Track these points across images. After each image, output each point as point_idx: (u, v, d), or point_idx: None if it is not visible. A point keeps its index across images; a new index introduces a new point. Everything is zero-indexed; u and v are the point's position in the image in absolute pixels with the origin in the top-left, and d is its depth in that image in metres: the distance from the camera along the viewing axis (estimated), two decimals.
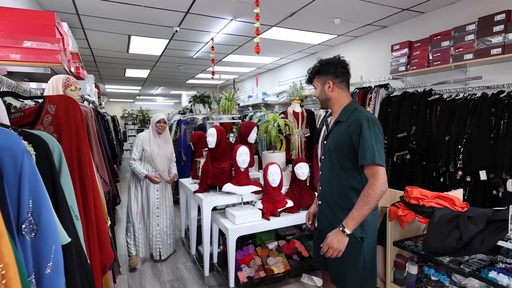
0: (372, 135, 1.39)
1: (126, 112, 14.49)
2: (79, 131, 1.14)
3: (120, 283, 2.76)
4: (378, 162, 1.36)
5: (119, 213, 4.92)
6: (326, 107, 1.69)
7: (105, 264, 1.16)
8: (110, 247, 1.21)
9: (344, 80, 1.63)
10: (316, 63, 1.66)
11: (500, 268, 1.57)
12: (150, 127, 3.08)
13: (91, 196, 1.13)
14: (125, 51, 5.37)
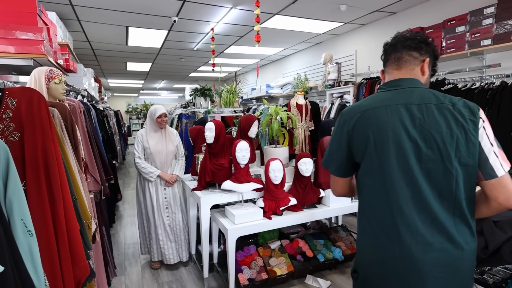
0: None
1: (130, 106, 14.43)
2: (45, 129, 0.99)
3: (117, 285, 2.66)
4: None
5: (120, 209, 4.84)
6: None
7: (79, 278, 1.03)
8: (85, 259, 1.08)
9: (399, 58, 1.17)
10: (419, 39, 1.13)
11: None
12: (148, 121, 2.84)
13: (61, 204, 0.99)
14: (124, 44, 5.23)
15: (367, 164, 1.04)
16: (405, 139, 0.98)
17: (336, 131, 1.14)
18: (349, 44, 4.99)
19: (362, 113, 1.05)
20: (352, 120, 1.07)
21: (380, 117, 1.02)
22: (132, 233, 3.79)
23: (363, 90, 3.95)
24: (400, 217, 0.97)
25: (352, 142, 1.07)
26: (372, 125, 1.02)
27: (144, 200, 2.83)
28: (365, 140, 1.03)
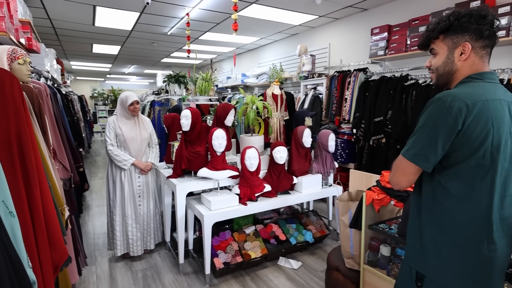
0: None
1: (96, 91, 13.72)
2: (18, 112, 0.97)
3: (88, 275, 2.61)
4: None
5: (88, 199, 4.69)
6: (443, 84, 1.11)
7: (57, 262, 1.03)
8: (63, 243, 1.08)
9: (489, 46, 1.03)
10: (446, 15, 1.05)
11: None
12: (119, 108, 2.72)
13: (37, 187, 0.99)
14: (90, 24, 4.95)
15: (477, 159, 0.97)
16: (509, 136, 0.99)
17: (438, 118, 0.96)
18: (323, 37, 5.12)
19: (486, 103, 0.96)
20: (472, 108, 0.94)
21: (498, 111, 0.97)
22: (102, 223, 3.71)
23: (335, 83, 4.10)
24: (498, 211, 1.01)
25: (463, 134, 0.96)
26: (494, 118, 0.96)
27: (114, 189, 2.72)
28: (485, 134, 0.96)
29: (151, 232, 2.87)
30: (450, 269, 1.03)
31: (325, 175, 3.02)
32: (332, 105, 4.13)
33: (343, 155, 3.99)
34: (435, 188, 1.05)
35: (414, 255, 1.12)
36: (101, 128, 12.96)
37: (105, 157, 8.25)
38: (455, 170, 1.00)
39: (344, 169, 3.98)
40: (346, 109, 3.93)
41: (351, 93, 3.89)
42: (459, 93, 0.97)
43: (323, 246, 3.10)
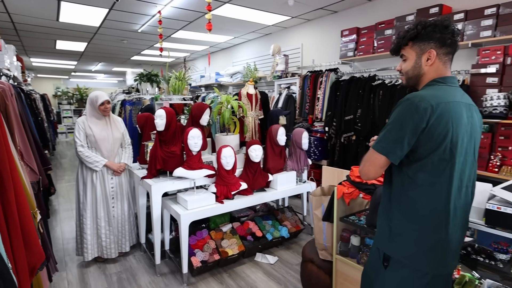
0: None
1: (60, 90, 13.01)
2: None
3: (58, 281, 2.51)
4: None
5: (54, 203, 4.47)
6: (412, 86, 1.24)
7: (34, 264, 1.01)
8: (39, 245, 1.06)
9: (450, 53, 1.16)
10: (413, 24, 1.18)
11: None
12: (89, 108, 2.63)
13: (11, 190, 0.96)
14: (54, 19, 4.71)
15: (439, 154, 1.08)
16: (466, 135, 1.12)
17: (409, 116, 1.07)
18: (296, 37, 5.24)
19: (448, 104, 1.08)
20: (435, 109, 1.05)
21: (457, 112, 1.09)
22: (71, 227, 3.56)
23: (308, 82, 4.22)
24: (457, 200, 1.15)
25: (427, 131, 1.07)
26: (453, 118, 1.07)
27: (85, 191, 2.63)
28: (445, 132, 1.07)
29: (126, 234, 2.81)
30: (413, 250, 1.15)
31: (299, 172, 3.11)
32: (305, 104, 4.25)
33: (316, 152, 4.13)
34: (404, 180, 1.16)
35: (382, 239, 1.24)
36: (66, 129, 12.32)
37: (71, 159, 7.89)
38: (421, 164, 1.11)
39: (318, 165, 4.12)
40: (319, 108, 4.06)
41: (323, 92, 4.03)
42: (425, 95, 1.08)
43: (298, 240, 3.20)
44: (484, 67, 2.81)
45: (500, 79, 2.75)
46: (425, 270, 1.14)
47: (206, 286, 2.44)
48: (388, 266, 1.20)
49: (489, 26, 2.82)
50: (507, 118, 2.63)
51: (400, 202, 1.19)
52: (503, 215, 1.33)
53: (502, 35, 2.73)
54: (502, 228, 1.35)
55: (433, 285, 1.16)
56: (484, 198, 1.45)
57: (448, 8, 3.20)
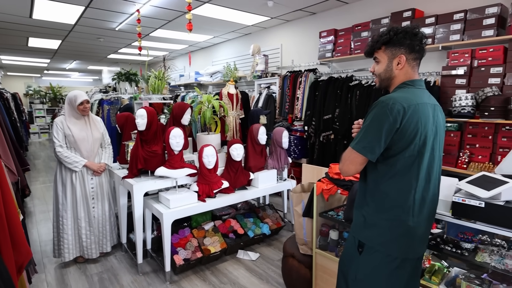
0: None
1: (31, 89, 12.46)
2: None
3: (37, 283, 2.46)
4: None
5: (29, 205, 4.32)
6: (385, 87, 1.34)
7: (21, 262, 1.02)
8: (26, 243, 1.06)
9: (418, 58, 1.27)
10: (385, 30, 1.27)
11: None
12: (68, 108, 2.59)
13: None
14: (27, 16, 4.55)
15: (409, 151, 1.19)
16: (432, 133, 1.22)
17: (382, 118, 1.16)
18: (275, 37, 5.32)
19: (417, 106, 1.17)
20: (407, 110, 1.15)
21: (425, 112, 1.19)
22: (49, 229, 3.46)
23: (288, 82, 4.31)
24: (424, 192, 1.25)
25: (400, 131, 1.16)
26: (422, 118, 1.18)
27: (64, 192, 2.59)
28: (415, 131, 1.17)
29: (107, 234, 2.78)
30: (384, 238, 1.27)
31: (280, 170, 3.19)
32: (285, 104, 4.34)
33: (296, 151, 4.22)
34: (377, 174, 1.27)
35: (358, 228, 1.35)
36: (38, 129, 11.83)
37: (45, 160, 7.61)
38: (393, 160, 1.22)
39: (297, 164, 4.21)
40: (298, 108, 4.16)
41: (302, 92, 4.13)
42: (397, 97, 1.18)
43: (279, 237, 3.27)
44: (454, 69, 2.97)
45: (468, 80, 2.92)
46: (396, 255, 1.26)
47: (189, 284, 2.46)
48: (362, 252, 1.31)
49: (458, 30, 2.98)
50: (475, 117, 2.79)
51: (373, 195, 1.29)
52: (467, 206, 1.44)
53: (469, 39, 2.90)
54: (466, 219, 1.47)
55: (403, 268, 1.28)
56: (451, 191, 1.56)
57: (420, 12, 3.35)
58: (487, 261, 1.50)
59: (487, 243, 1.66)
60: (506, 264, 1.46)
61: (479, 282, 1.52)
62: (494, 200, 1.38)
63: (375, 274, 1.29)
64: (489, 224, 1.40)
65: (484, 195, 1.39)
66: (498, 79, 2.75)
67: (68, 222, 2.59)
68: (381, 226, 1.27)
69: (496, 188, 1.37)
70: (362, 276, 1.32)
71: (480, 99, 2.76)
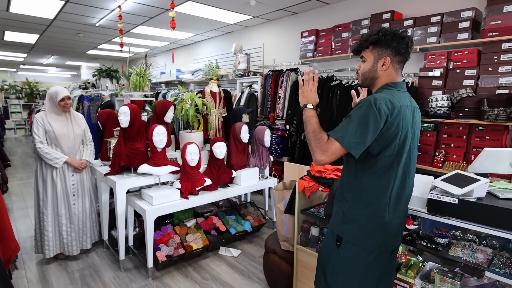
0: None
1: (7, 83, 12.00)
2: None
3: (17, 279, 2.43)
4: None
5: (7, 202, 4.20)
6: (367, 86, 1.39)
7: (9, 256, 1.03)
8: (14, 237, 1.08)
9: (402, 61, 1.31)
10: (375, 30, 1.30)
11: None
12: (49, 105, 2.57)
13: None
14: (4, 10, 4.40)
15: (389, 151, 1.24)
16: (410, 134, 1.28)
17: (373, 117, 1.18)
18: (257, 36, 5.37)
19: (400, 108, 1.22)
20: (391, 112, 1.20)
21: (406, 114, 1.25)
22: (28, 226, 3.41)
23: (269, 81, 4.38)
24: (400, 189, 1.32)
25: (383, 130, 1.20)
26: (403, 120, 1.23)
27: (45, 188, 2.58)
28: (396, 132, 1.22)
29: (87, 231, 2.77)
30: (361, 232, 1.33)
31: (262, 168, 3.25)
32: (267, 103, 4.41)
33: (278, 149, 4.31)
34: (357, 171, 1.32)
35: (336, 222, 1.41)
36: (14, 125, 11.42)
37: (22, 156, 7.38)
38: (374, 159, 1.26)
39: (279, 162, 4.30)
40: (280, 107, 4.24)
41: (284, 91, 4.21)
42: (383, 98, 1.21)
43: (260, 234, 3.34)
44: (431, 70, 3.08)
45: (444, 82, 3.03)
46: (372, 248, 1.32)
47: (171, 279, 2.49)
48: (340, 246, 1.37)
49: (435, 33, 3.08)
50: (450, 118, 2.91)
51: (352, 191, 1.35)
52: (442, 203, 1.51)
53: (445, 41, 3.01)
54: (441, 215, 1.53)
55: (378, 261, 1.35)
56: (426, 189, 1.64)
57: (399, 14, 3.46)
58: (460, 255, 1.57)
59: (459, 238, 1.75)
60: (477, 257, 1.55)
61: (452, 275, 1.61)
62: (466, 197, 1.45)
63: (352, 267, 1.35)
64: (462, 220, 1.45)
65: (457, 192, 1.45)
66: (472, 81, 2.86)
67: (49, 218, 2.57)
68: (359, 221, 1.32)
69: (468, 186, 1.44)
70: (339, 269, 1.37)
71: (455, 100, 2.87)
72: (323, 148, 1.24)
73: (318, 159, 1.25)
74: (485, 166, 1.66)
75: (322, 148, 1.24)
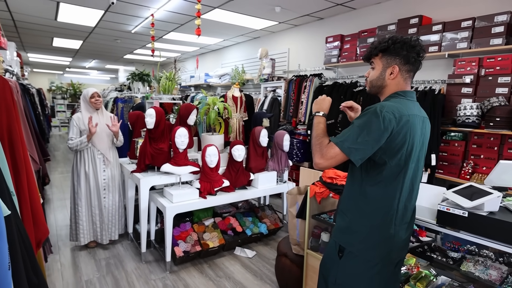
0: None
1: (54, 85, 13.05)
2: (9, 110, 1.12)
3: (51, 263, 2.70)
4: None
5: (48, 193, 4.63)
6: (374, 93, 1.36)
7: (40, 238, 1.19)
8: (45, 222, 1.24)
9: (412, 70, 1.28)
10: (386, 38, 1.28)
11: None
12: (83, 104, 2.85)
13: (24, 173, 1.14)
14: (52, 19, 4.86)
15: (396, 160, 1.22)
16: (419, 145, 1.26)
17: (376, 125, 1.16)
18: (283, 42, 5.44)
19: (408, 117, 1.20)
20: (399, 121, 1.17)
21: (415, 124, 1.22)
22: (64, 216, 3.74)
23: (293, 86, 4.42)
24: (407, 201, 1.30)
25: (389, 139, 1.18)
26: (411, 130, 1.20)
27: (78, 182, 2.84)
28: (403, 142, 1.19)
29: (116, 223, 3.01)
30: (365, 243, 1.29)
31: (280, 172, 3.31)
32: (290, 107, 4.46)
33: (299, 154, 4.33)
34: (362, 181, 1.29)
35: (339, 232, 1.38)
36: (59, 123, 12.38)
37: (64, 152, 8.00)
38: (380, 169, 1.23)
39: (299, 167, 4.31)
40: (302, 112, 4.27)
41: (307, 96, 4.24)
42: (391, 106, 1.19)
43: (276, 237, 3.39)
44: (460, 77, 2.95)
45: (474, 89, 2.88)
46: (375, 261, 1.29)
47: (187, 274, 2.62)
48: (342, 256, 1.34)
49: (465, 38, 2.95)
50: (480, 128, 2.76)
51: (356, 201, 1.33)
52: (451, 215, 1.46)
53: (477, 47, 2.87)
54: (451, 227, 1.47)
55: (382, 273, 1.31)
56: (438, 200, 1.60)
57: (428, 19, 3.35)
58: (472, 270, 1.52)
59: (474, 254, 1.69)
60: (490, 274, 1.49)
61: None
62: (477, 210, 1.41)
63: (354, 278, 1.32)
64: (472, 234, 1.41)
65: (467, 205, 1.41)
66: (505, 89, 2.70)
67: (83, 209, 2.85)
68: (362, 232, 1.29)
69: (479, 199, 1.40)
70: (341, 280, 1.34)
71: (486, 109, 2.72)
72: (322, 151, 1.24)
73: (316, 162, 1.25)
74: (503, 179, 1.59)
75: (322, 152, 1.25)
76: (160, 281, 2.50)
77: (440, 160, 3.07)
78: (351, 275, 1.33)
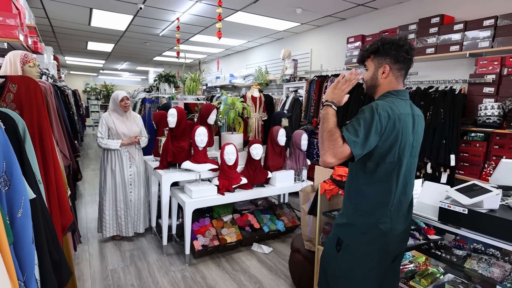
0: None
1: (89, 86, 13.87)
2: (39, 109, 1.28)
3: (81, 252, 2.93)
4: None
5: (80, 189, 4.97)
6: (371, 94, 1.42)
7: (65, 224, 1.34)
8: (69, 210, 1.39)
9: (403, 69, 1.34)
10: (377, 40, 1.35)
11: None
12: (112, 105, 3.05)
13: (51, 165, 1.29)
14: (86, 24, 5.21)
15: (390, 157, 1.27)
16: (411, 141, 1.32)
17: (376, 121, 1.21)
18: (306, 42, 5.45)
19: (400, 115, 1.26)
20: (392, 119, 1.24)
21: (406, 122, 1.28)
22: (94, 210, 4.00)
23: (314, 87, 4.44)
24: (402, 195, 1.35)
25: (384, 137, 1.25)
26: (404, 128, 1.27)
27: (105, 177, 3.04)
28: (396, 139, 1.26)
29: (141, 217, 3.20)
30: (362, 237, 1.35)
31: (298, 171, 3.35)
32: (310, 108, 4.47)
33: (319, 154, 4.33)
34: (359, 178, 1.35)
35: (338, 226, 1.45)
36: (93, 122, 13.13)
37: (97, 150, 8.49)
38: (375, 166, 1.29)
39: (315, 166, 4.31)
40: None
41: None
42: (384, 104, 1.26)
43: (293, 235, 3.44)
44: (482, 77, 2.88)
45: (496, 89, 2.81)
46: (373, 254, 1.34)
47: (205, 267, 2.74)
48: (340, 249, 1.40)
49: (487, 37, 2.88)
50: (501, 128, 2.69)
51: (355, 196, 1.39)
52: (452, 212, 1.50)
53: (499, 46, 2.79)
54: (452, 224, 1.52)
55: (380, 267, 1.36)
56: (441, 198, 1.61)
57: (450, 18, 3.27)
58: (475, 268, 1.53)
59: (480, 252, 1.69)
60: (492, 272, 1.50)
61: (463, 287, 1.57)
62: (477, 207, 1.43)
63: (352, 271, 1.36)
64: (472, 231, 1.44)
65: (466, 202, 1.44)
66: None
67: (107, 204, 3.04)
68: (360, 226, 1.35)
69: (478, 196, 1.43)
70: (340, 272, 1.39)
71: (508, 108, 2.65)
72: (336, 151, 1.22)
73: (327, 161, 1.23)
74: (509, 178, 1.57)
75: (335, 152, 1.22)
76: (179, 273, 2.64)
77: (461, 160, 2.98)
78: (349, 268, 1.38)
